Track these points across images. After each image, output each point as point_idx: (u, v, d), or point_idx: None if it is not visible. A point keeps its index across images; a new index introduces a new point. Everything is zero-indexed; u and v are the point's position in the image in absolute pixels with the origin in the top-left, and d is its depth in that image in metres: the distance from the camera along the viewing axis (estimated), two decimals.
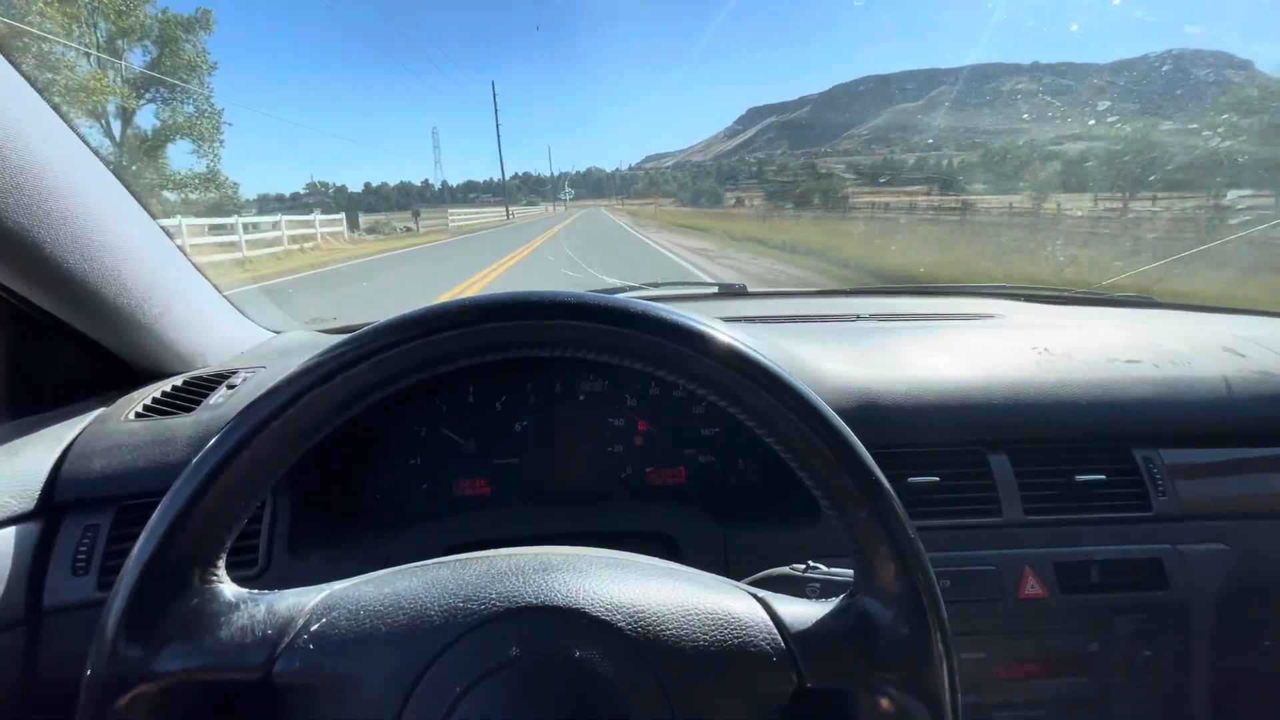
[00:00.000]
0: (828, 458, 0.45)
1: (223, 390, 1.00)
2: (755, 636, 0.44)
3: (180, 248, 1.08)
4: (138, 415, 0.92)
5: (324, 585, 0.47)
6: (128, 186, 0.93)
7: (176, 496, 0.41)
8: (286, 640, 0.42)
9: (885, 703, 0.45)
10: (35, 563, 0.78)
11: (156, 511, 0.42)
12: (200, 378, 1.05)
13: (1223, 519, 0.92)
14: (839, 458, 0.45)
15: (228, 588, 0.45)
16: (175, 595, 0.42)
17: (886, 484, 0.45)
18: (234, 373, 1.06)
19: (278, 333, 1.36)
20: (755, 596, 0.48)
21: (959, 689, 0.45)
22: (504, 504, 1.02)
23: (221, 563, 0.44)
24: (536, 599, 0.43)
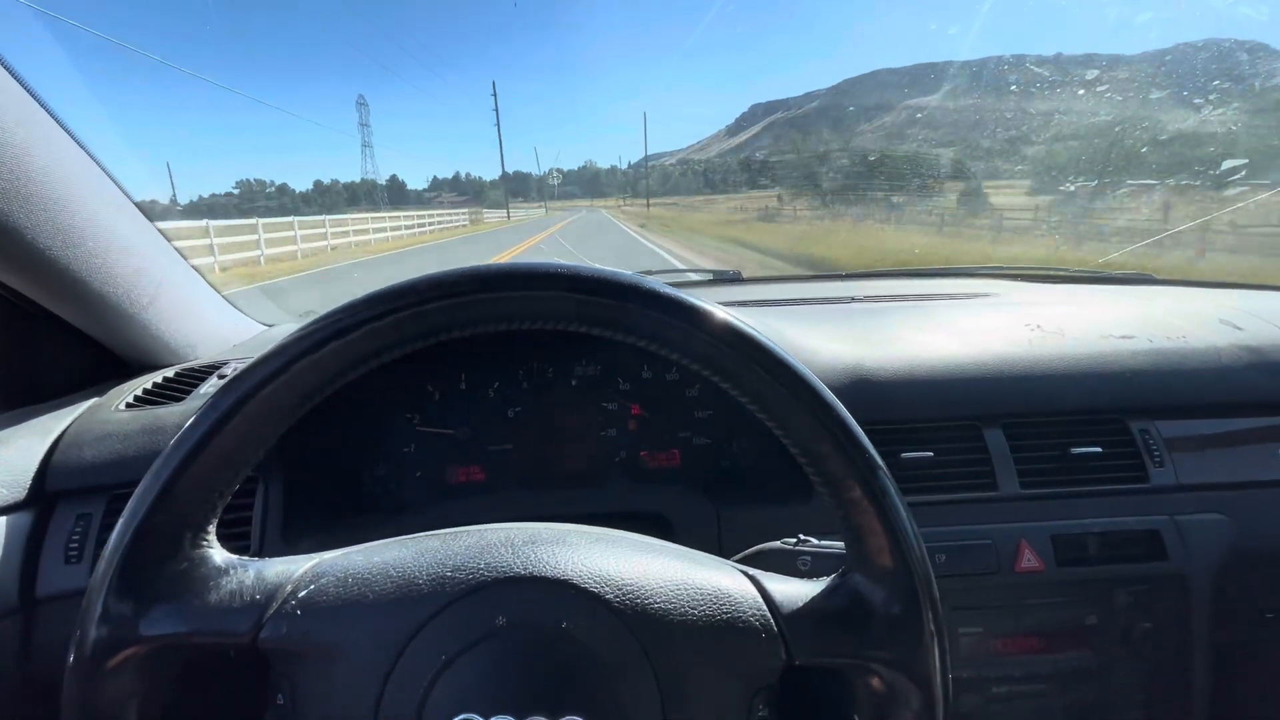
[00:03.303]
0: (820, 435, 0.44)
1: (213, 380, 0.99)
2: (744, 613, 0.44)
3: (168, 238, 1.07)
4: (128, 405, 0.92)
5: (313, 554, 0.47)
6: (111, 174, 0.91)
7: (168, 460, 0.41)
8: (274, 606, 0.43)
9: (875, 682, 0.45)
10: (28, 552, 0.78)
11: (148, 474, 0.41)
12: (191, 369, 1.04)
13: (1220, 489, 0.92)
14: (832, 435, 0.44)
15: (217, 553, 0.45)
16: (165, 558, 0.42)
17: (880, 462, 0.45)
18: (225, 364, 1.05)
19: (270, 325, 1.35)
20: (745, 574, 0.47)
21: (949, 669, 0.45)
22: (499, 490, 1.02)
23: (212, 528, 0.44)
24: (524, 569, 0.43)
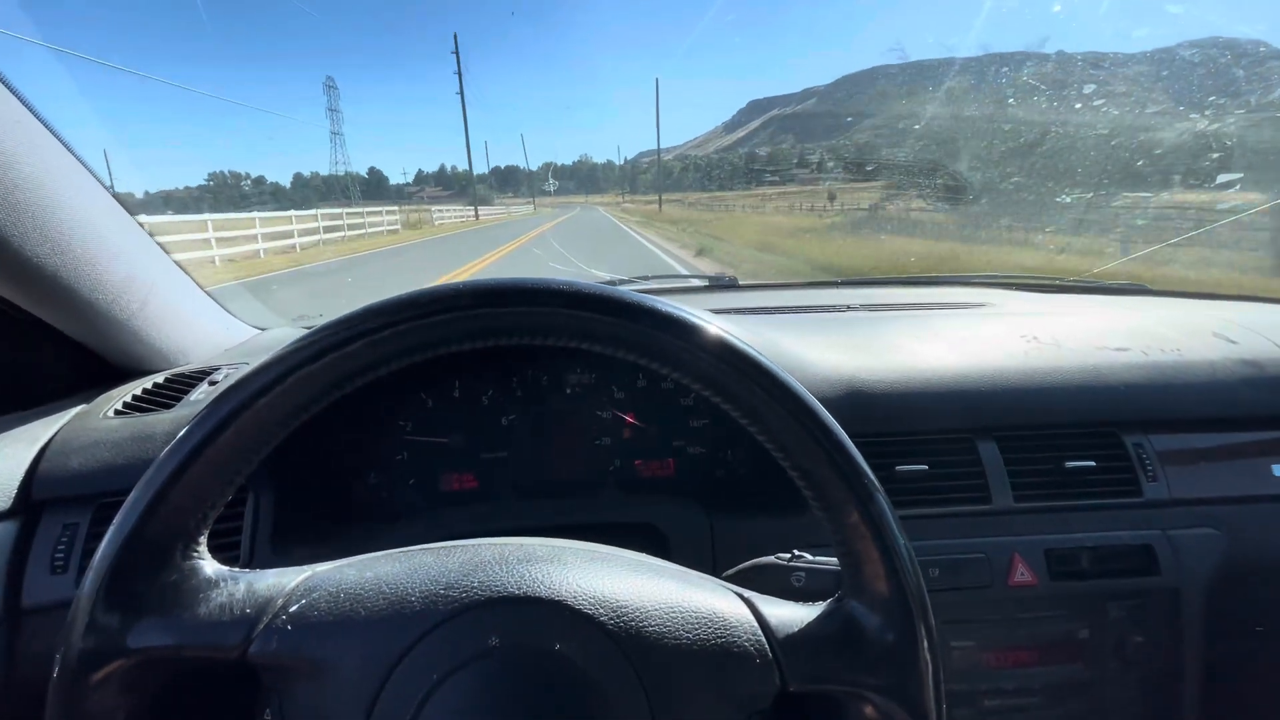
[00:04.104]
0: (819, 458, 0.44)
1: (204, 387, 0.98)
2: (739, 637, 0.44)
3: (160, 244, 1.06)
4: (117, 413, 0.91)
5: (305, 567, 0.47)
6: (99, 178, 0.91)
7: (161, 469, 0.41)
8: (265, 620, 0.42)
9: (869, 709, 0.45)
10: (13, 562, 0.77)
11: (139, 484, 0.41)
12: (182, 375, 1.03)
13: (1213, 504, 0.93)
14: (831, 459, 0.44)
15: (208, 565, 0.44)
16: (155, 569, 0.42)
17: (879, 487, 0.44)
18: (216, 369, 1.05)
19: (262, 329, 1.34)
20: (741, 596, 0.47)
21: (944, 697, 0.45)
22: (492, 498, 1.01)
23: (203, 539, 0.44)
24: (518, 589, 0.43)
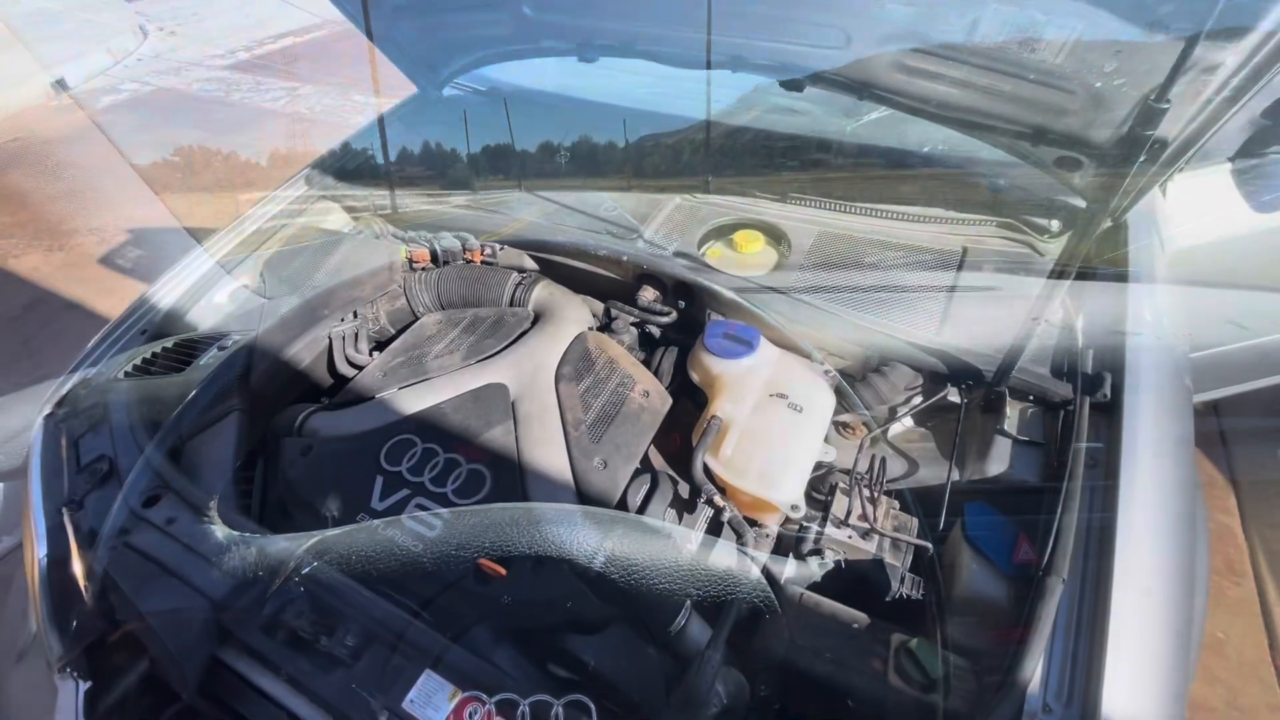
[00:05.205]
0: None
1: (213, 351, 0.98)
2: (749, 593, 0.44)
3: (168, 206, 1.06)
4: (128, 374, 0.91)
5: (316, 531, 0.47)
6: (105, 133, 0.90)
7: (166, 437, 0.41)
8: (277, 583, 0.43)
9: (877, 663, 0.45)
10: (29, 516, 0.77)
11: (146, 449, 0.42)
12: (190, 339, 1.03)
13: (1223, 488, 0.93)
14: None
15: (219, 530, 0.45)
16: (166, 535, 0.42)
17: (887, 442, 0.45)
18: (225, 334, 1.04)
19: (269, 299, 1.34)
20: (750, 555, 0.48)
21: (951, 649, 0.45)
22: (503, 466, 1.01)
23: (214, 504, 0.45)
24: (529, 549, 0.43)
